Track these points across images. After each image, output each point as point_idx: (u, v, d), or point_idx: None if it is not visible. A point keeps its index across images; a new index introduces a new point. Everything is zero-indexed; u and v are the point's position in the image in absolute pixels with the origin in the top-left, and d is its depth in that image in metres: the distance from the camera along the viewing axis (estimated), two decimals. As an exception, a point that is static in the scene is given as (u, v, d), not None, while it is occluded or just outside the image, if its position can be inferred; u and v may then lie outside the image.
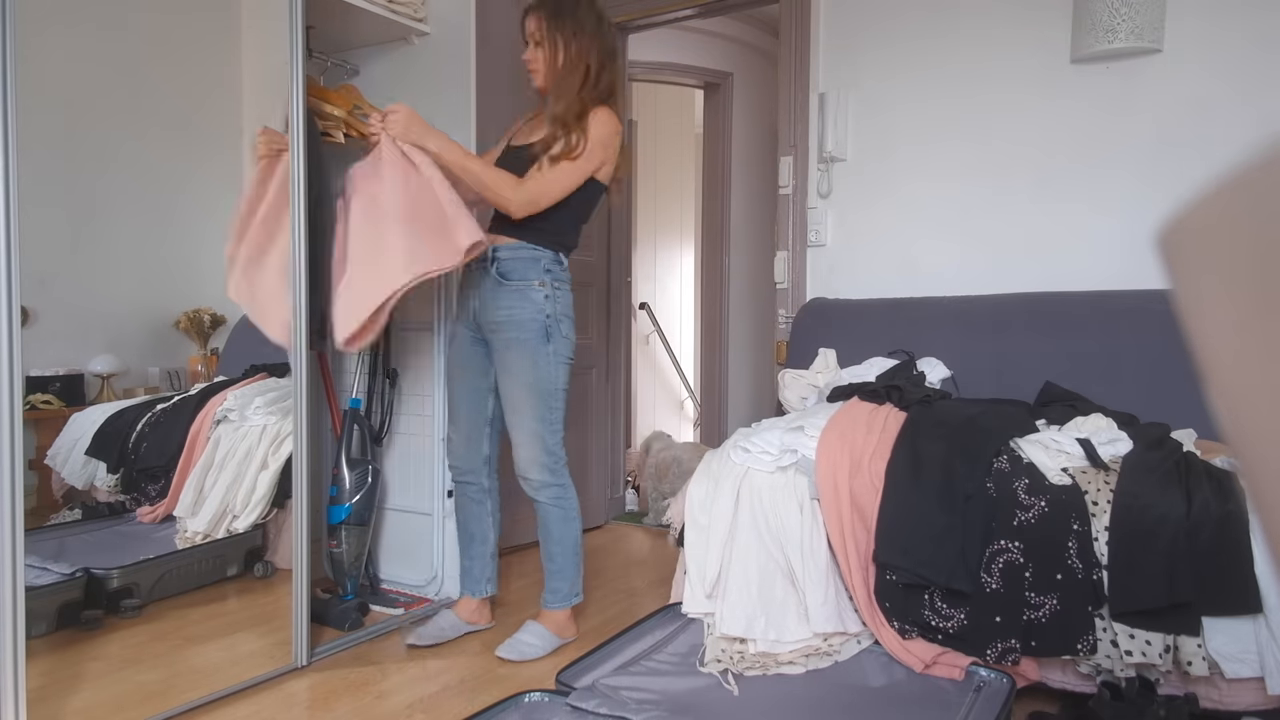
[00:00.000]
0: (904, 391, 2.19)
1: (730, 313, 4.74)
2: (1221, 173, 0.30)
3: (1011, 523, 1.77)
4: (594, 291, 3.62)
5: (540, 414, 2.17)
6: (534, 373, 2.15)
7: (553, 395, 2.19)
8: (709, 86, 4.75)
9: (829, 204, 3.05)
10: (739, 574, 1.97)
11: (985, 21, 2.76)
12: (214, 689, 1.92)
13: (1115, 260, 2.54)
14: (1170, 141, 2.48)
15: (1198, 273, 0.32)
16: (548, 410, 2.18)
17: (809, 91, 3.07)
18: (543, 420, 2.18)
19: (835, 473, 1.94)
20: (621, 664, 1.89)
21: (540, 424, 2.18)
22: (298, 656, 2.09)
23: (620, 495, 3.86)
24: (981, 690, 1.74)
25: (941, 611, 1.81)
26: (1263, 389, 0.30)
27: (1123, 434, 1.91)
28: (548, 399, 2.18)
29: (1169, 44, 2.47)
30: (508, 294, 2.16)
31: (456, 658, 2.20)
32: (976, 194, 2.79)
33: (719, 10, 3.69)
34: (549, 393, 2.18)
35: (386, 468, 2.65)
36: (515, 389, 2.18)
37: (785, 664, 1.88)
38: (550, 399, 2.19)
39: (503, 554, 3.15)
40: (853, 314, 2.81)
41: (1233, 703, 1.60)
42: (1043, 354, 2.41)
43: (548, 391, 2.17)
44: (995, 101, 2.75)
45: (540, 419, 2.18)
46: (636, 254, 5.61)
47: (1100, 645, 1.66)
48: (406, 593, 2.61)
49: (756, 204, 4.77)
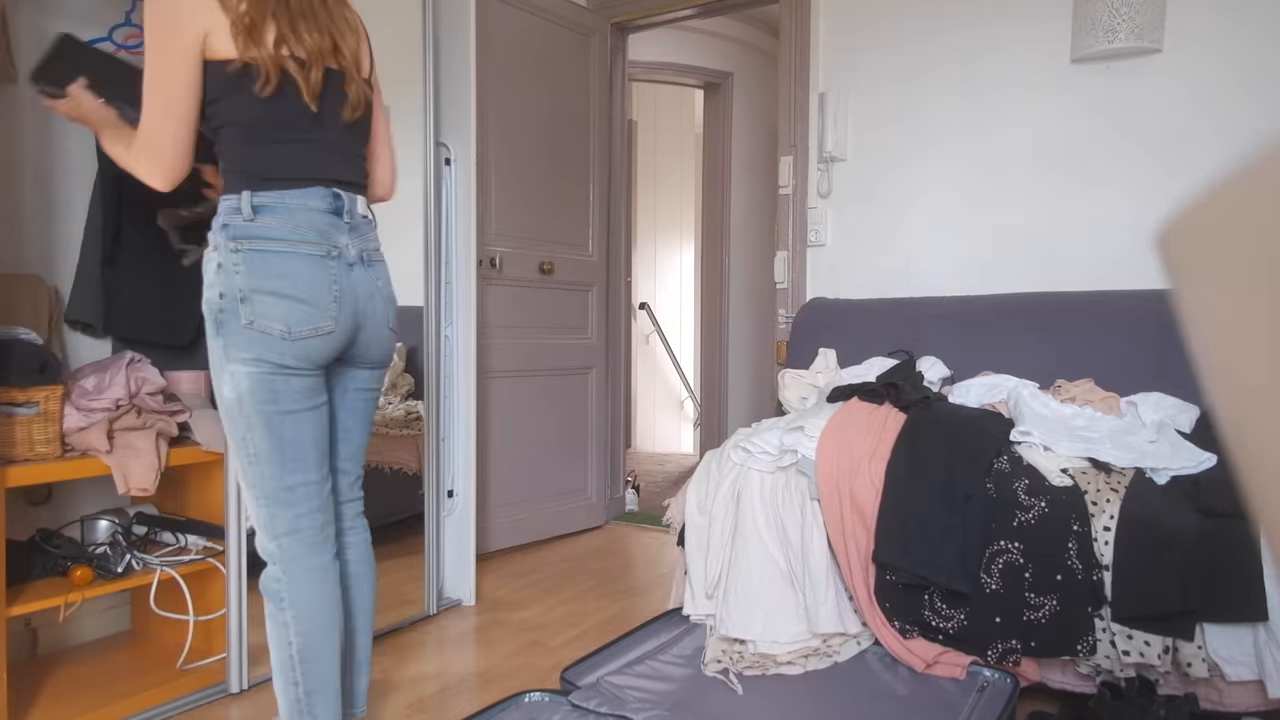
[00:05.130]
0: (902, 390, 2.18)
1: (730, 313, 4.74)
2: (1222, 172, 0.30)
3: (1011, 523, 1.77)
4: (594, 291, 3.62)
5: (235, 448, 1.41)
6: (215, 378, 1.39)
7: (231, 418, 1.38)
8: (709, 86, 4.75)
9: (829, 204, 3.05)
10: (739, 574, 1.97)
11: (985, 22, 2.76)
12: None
13: (1115, 260, 2.54)
14: (1170, 141, 2.48)
15: (1198, 273, 0.32)
16: (237, 444, 1.40)
17: (809, 91, 3.07)
18: (238, 456, 1.41)
19: (835, 473, 1.94)
20: (625, 663, 1.89)
21: (238, 463, 1.42)
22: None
23: (620, 495, 3.86)
24: (985, 690, 1.74)
25: (941, 612, 1.81)
26: (1263, 390, 0.30)
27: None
28: (230, 423, 1.40)
29: (1169, 44, 2.46)
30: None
31: (457, 657, 2.20)
32: (976, 194, 2.79)
33: (719, 10, 3.69)
34: (226, 414, 1.40)
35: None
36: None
37: (784, 664, 1.87)
38: (231, 423, 1.39)
39: (499, 554, 3.16)
40: (853, 314, 2.81)
41: (1233, 704, 1.60)
42: (1043, 354, 2.41)
43: (225, 412, 1.40)
44: (995, 101, 2.75)
45: (236, 452, 1.41)
46: (636, 254, 5.61)
47: (1100, 646, 1.66)
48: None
49: (756, 204, 4.77)
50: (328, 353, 1.41)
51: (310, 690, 1.44)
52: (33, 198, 2.05)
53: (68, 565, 1.80)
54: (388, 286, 1.54)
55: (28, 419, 1.69)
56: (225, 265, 1.33)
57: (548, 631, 2.38)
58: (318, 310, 1.37)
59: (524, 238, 3.26)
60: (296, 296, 1.35)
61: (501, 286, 3.16)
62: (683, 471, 5.05)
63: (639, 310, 5.64)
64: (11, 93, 1.99)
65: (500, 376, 3.17)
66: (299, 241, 1.36)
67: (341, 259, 1.41)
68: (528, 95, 3.25)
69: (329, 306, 1.39)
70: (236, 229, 1.34)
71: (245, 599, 1.95)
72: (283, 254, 1.35)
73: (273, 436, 1.37)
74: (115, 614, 2.19)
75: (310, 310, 1.36)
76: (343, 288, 1.41)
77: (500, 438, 3.17)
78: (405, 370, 2.63)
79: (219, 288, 1.33)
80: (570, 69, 3.46)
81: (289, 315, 1.34)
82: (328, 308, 1.39)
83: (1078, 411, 2.08)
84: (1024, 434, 1.95)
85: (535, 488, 3.34)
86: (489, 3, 3.01)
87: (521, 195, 3.24)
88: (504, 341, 3.18)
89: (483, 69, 2.88)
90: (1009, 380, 2.25)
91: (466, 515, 2.63)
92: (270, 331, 1.33)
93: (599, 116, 3.61)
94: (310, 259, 1.37)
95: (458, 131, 2.57)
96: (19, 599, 1.68)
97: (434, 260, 2.48)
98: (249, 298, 1.32)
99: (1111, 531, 1.68)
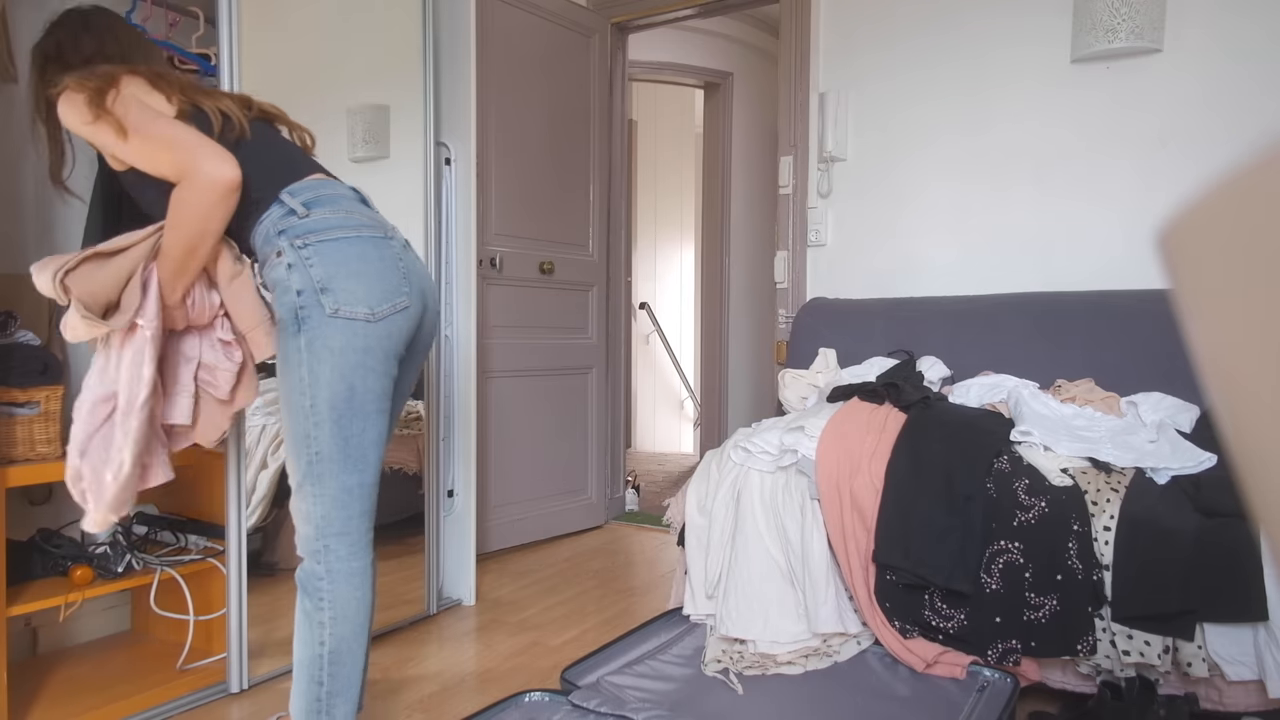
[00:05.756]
0: (902, 390, 2.18)
1: (730, 313, 4.74)
2: (1223, 172, 0.30)
3: (1011, 523, 1.77)
4: (594, 291, 3.62)
5: (296, 446, 1.40)
6: (285, 380, 1.40)
7: (300, 415, 1.38)
8: (709, 86, 4.75)
9: (829, 204, 3.05)
10: (739, 574, 1.97)
11: (985, 21, 2.76)
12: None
13: (1115, 260, 2.54)
14: (1170, 142, 2.48)
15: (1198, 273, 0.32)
16: (300, 440, 1.39)
17: (809, 91, 3.07)
18: (298, 455, 1.40)
19: (835, 473, 1.94)
20: (626, 663, 1.89)
21: (296, 461, 1.41)
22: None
23: (620, 495, 3.86)
24: (985, 690, 1.74)
25: (942, 612, 1.81)
26: (1264, 390, 0.30)
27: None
28: (297, 421, 1.39)
29: (1169, 44, 2.46)
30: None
31: (457, 657, 2.20)
32: (977, 194, 2.79)
33: (719, 10, 3.70)
34: (294, 412, 1.40)
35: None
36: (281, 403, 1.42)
37: (784, 664, 1.87)
38: (298, 421, 1.39)
39: (499, 554, 3.16)
40: (853, 314, 2.81)
41: (1233, 704, 1.60)
42: (1042, 354, 2.41)
43: (291, 410, 1.40)
44: (995, 101, 2.75)
45: (297, 450, 1.40)
46: (636, 254, 5.62)
47: (1100, 646, 1.66)
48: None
49: (756, 204, 4.77)
50: (407, 332, 1.44)
51: (333, 692, 1.43)
52: (33, 198, 2.05)
53: (68, 565, 1.80)
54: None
55: (28, 419, 1.69)
56: (297, 263, 1.35)
57: (548, 631, 2.38)
58: (393, 287, 1.40)
59: (524, 238, 3.26)
60: (373, 275, 1.38)
61: (501, 286, 3.16)
62: (683, 471, 5.05)
63: (639, 310, 5.64)
64: (12, 92, 1.99)
65: (500, 376, 3.17)
66: (357, 226, 1.40)
67: (396, 240, 1.46)
68: (528, 95, 3.25)
69: (400, 283, 1.42)
70: (297, 229, 1.37)
71: (245, 599, 1.95)
72: (350, 239, 1.38)
73: (340, 435, 1.37)
74: (115, 614, 2.19)
75: (387, 287, 1.39)
76: (406, 265, 1.45)
77: (500, 438, 3.17)
78: (405, 370, 2.62)
79: (296, 285, 1.35)
80: (570, 69, 3.46)
81: (369, 294, 1.36)
82: (400, 284, 1.42)
83: (1078, 411, 2.08)
84: (1024, 434, 1.95)
85: (535, 488, 3.34)
86: (489, 3, 3.01)
87: (521, 195, 3.24)
88: (504, 341, 3.18)
89: (483, 69, 2.88)
90: (1009, 380, 2.25)
91: (466, 515, 2.63)
92: (355, 316, 1.35)
93: (599, 116, 3.61)
94: (374, 240, 1.41)
95: (458, 131, 2.57)
96: (19, 599, 1.68)
97: (434, 260, 2.48)
98: (329, 286, 1.34)
99: (1112, 531, 1.68)
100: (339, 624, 1.42)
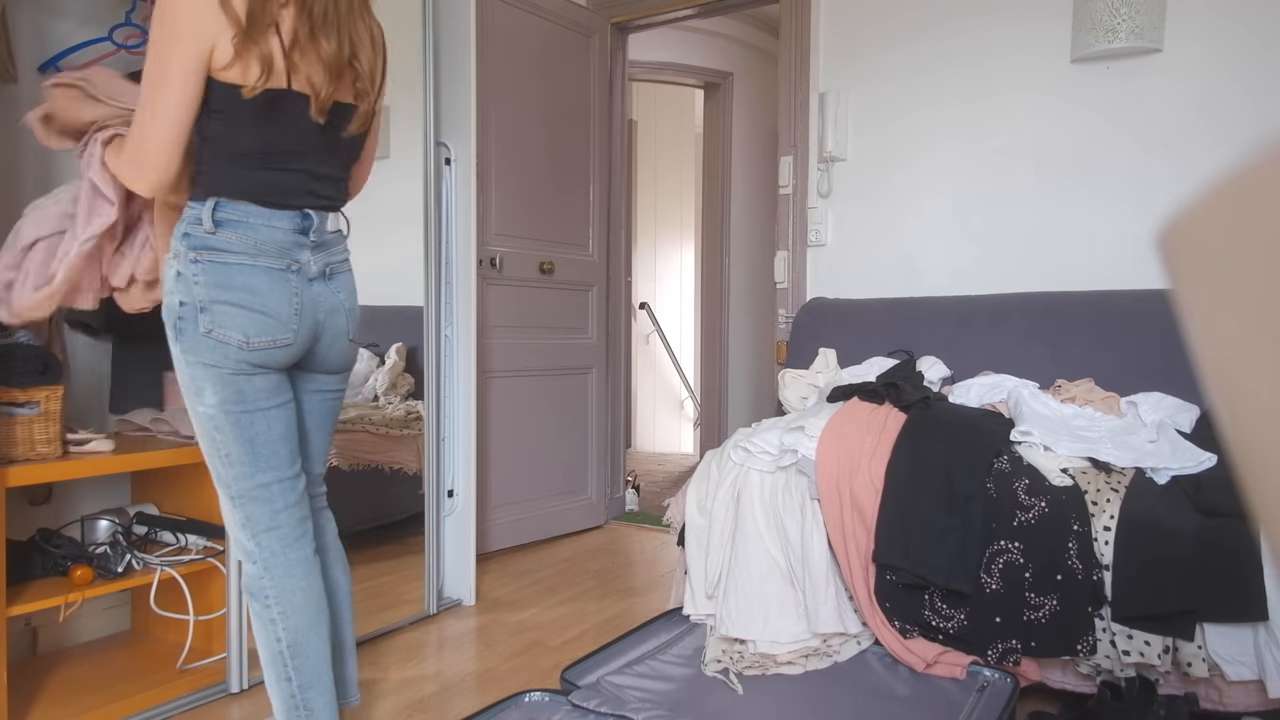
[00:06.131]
0: (902, 390, 2.18)
1: (730, 313, 4.74)
2: (1223, 172, 0.30)
3: (1011, 523, 1.77)
4: (594, 291, 3.62)
5: (207, 453, 1.42)
6: (180, 382, 1.40)
7: (200, 421, 1.39)
8: (709, 86, 4.75)
9: (829, 204, 3.05)
10: (739, 574, 1.97)
11: (986, 22, 2.76)
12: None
13: (1115, 260, 2.54)
14: (1170, 141, 2.48)
15: (1198, 272, 0.32)
16: (209, 446, 1.40)
17: (809, 91, 3.07)
18: (211, 462, 1.42)
19: (835, 473, 1.94)
20: (626, 663, 1.89)
21: (211, 468, 1.43)
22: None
23: (620, 495, 3.86)
24: (985, 690, 1.74)
25: (942, 612, 1.81)
26: (1264, 390, 0.30)
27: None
28: (199, 426, 1.40)
29: (1169, 44, 2.46)
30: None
31: (457, 657, 2.20)
32: (976, 194, 2.79)
33: (719, 10, 3.70)
34: (195, 418, 1.40)
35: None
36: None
37: (784, 664, 1.87)
38: (200, 427, 1.39)
39: (499, 554, 3.16)
40: (853, 314, 2.81)
41: (1233, 704, 1.60)
42: (1042, 354, 2.41)
43: (194, 417, 1.41)
44: (995, 101, 2.75)
45: (209, 456, 1.42)
46: (636, 254, 5.61)
47: (1100, 646, 1.66)
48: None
49: (756, 204, 4.77)
50: (285, 361, 1.41)
51: (304, 685, 1.44)
52: (33, 198, 2.04)
53: (68, 565, 1.80)
54: (351, 298, 1.52)
55: (28, 419, 1.69)
56: (185, 274, 1.32)
57: (548, 631, 2.38)
58: (277, 323, 1.37)
59: (524, 238, 3.26)
60: (256, 308, 1.34)
61: (501, 286, 3.16)
62: (683, 471, 5.05)
63: (639, 310, 5.64)
64: (11, 92, 1.99)
65: (500, 376, 3.17)
66: (255, 254, 1.34)
67: (302, 273, 1.41)
68: (528, 95, 3.25)
69: (289, 320, 1.38)
70: (196, 239, 1.32)
71: (245, 599, 1.95)
72: (242, 266, 1.33)
73: (242, 436, 1.37)
74: (115, 614, 2.19)
75: (270, 322, 1.36)
76: (303, 301, 1.40)
77: (500, 438, 3.17)
78: (405, 370, 2.63)
79: (179, 296, 1.33)
80: (570, 69, 3.46)
81: (248, 326, 1.33)
82: (288, 321, 1.38)
83: (1078, 411, 2.08)
84: (1024, 434, 1.95)
85: (535, 487, 3.34)
86: (489, 3, 3.01)
87: (521, 195, 3.24)
88: (504, 341, 3.18)
89: (483, 69, 2.88)
90: (1009, 380, 2.25)
91: (466, 515, 2.63)
92: (228, 341, 1.33)
93: (599, 116, 3.61)
94: (271, 272, 1.36)
95: (458, 131, 2.57)
96: (19, 599, 1.68)
97: (434, 260, 2.48)
98: (208, 308, 1.31)
99: (1112, 531, 1.68)
100: (289, 617, 1.43)
